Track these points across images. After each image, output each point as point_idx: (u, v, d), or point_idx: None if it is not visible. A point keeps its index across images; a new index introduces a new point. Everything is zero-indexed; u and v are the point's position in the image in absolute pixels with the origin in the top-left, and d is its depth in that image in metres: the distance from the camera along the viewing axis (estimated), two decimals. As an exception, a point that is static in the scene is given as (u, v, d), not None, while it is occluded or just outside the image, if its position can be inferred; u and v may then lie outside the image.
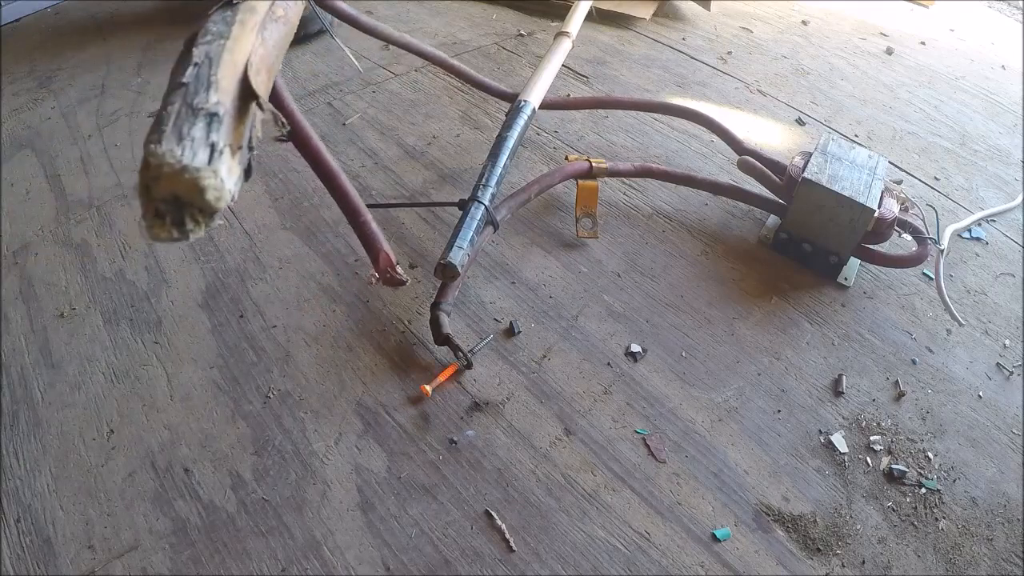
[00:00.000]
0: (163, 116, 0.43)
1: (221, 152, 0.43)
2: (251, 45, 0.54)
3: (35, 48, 1.81)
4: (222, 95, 0.47)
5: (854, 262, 1.20)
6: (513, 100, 1.27)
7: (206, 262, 1.16)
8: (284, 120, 0.53)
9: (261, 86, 0.52)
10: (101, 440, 0.91)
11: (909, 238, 1.14)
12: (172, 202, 0.42)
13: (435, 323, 0.98)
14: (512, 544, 0.82)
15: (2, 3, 1.90)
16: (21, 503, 0.84)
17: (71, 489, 0.85)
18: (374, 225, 0.85)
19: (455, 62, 1.34)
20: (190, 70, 0.47)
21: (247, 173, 0.51)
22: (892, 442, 0.95)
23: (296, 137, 0.82)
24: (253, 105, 0.50)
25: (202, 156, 0.42)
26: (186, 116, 0.43)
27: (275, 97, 0.80)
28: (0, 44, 1.81)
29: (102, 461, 0.88)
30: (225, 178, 0.43)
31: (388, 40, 1.22)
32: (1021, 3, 2.51)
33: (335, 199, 0.86)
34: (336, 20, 1.29)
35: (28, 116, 1.53)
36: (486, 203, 1.04)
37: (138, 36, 1.85)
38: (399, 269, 0.86)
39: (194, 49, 0.49)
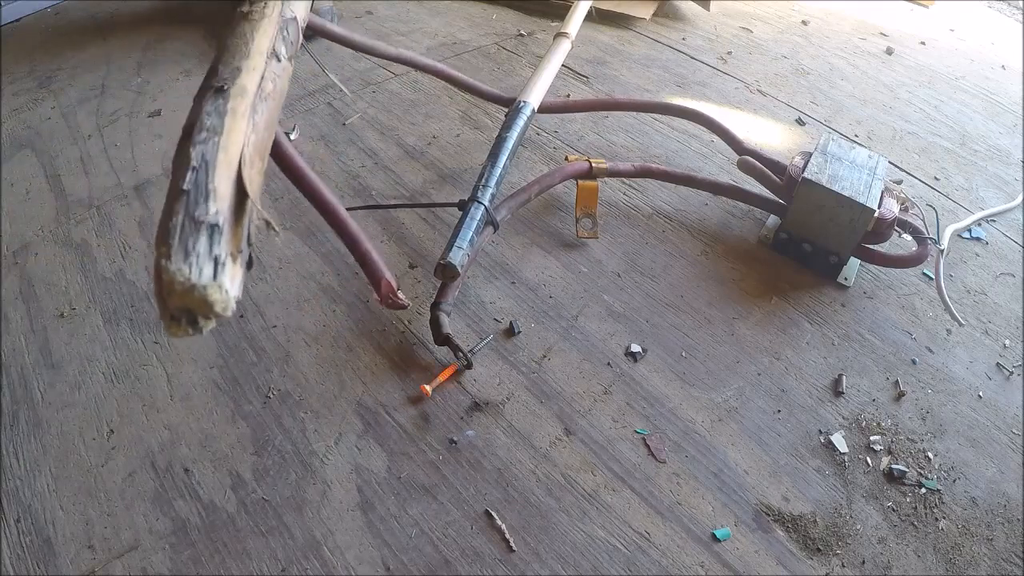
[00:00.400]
0: (171, 228, 0.47)
1: (224, 264, 0.48)
2: (243, 136, 0.57)
3: (35, 48, 1.81)
4: (220, 202, 0.50)
5: (854, 262, 1.20)
6: (512, 103, 1.27)
7: (206, 262, 1.16)
8: (276, 227, 0.57)
9: (255, 183, 0.56)
10: (101, 440, 0.91)
11: (909, 238, 1.14)
12: (185, 310, 0.48)
13: (435, 323, 0.98)
14: (512, 544, 0.82)
15: (2, 3, 1.90)
16: (21, 503, 0.84)
17: (71, 489, 0.85)
18: (375, 253, 0.88)
19: (455, 73, 1.34)
20: (189, 175, 0.50)
21: (249, 265, 0.54)
22: (892, 442, 0.95)
23: (294, 176, 0.86)
24: (249, 201, 0.53)
25: (207, 271, 0.46)
26: (190, 230, 0.47)
27: (276, 151, 0.84)
28: (0, 44, 1.81)
29: (102, 461, 0.88)
30: (229, 288, 0.47)
31: (385, 56, 1.22)
32: (1021, 3, 2.51)
33: (336, 232, 0.90)
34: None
35: (28, 116, 1.53)
36: (486, 203, 1.04)
37: (138, 36, 1.85)
38: (400, 295, 0.88)
39: (191, 150, 0.52)
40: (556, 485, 0.88)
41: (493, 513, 0.85)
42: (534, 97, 1.26)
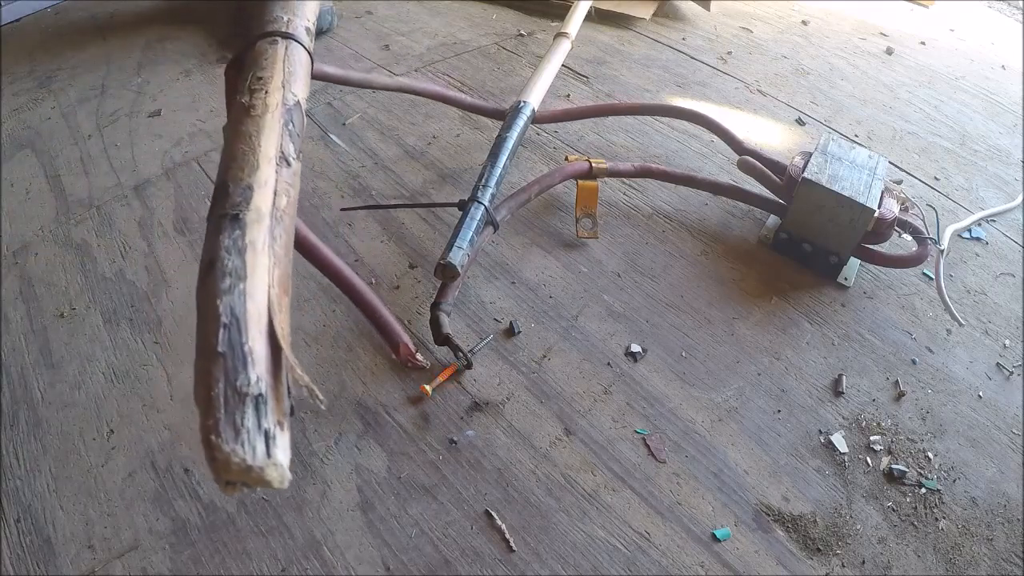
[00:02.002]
0: (213, 398, 0.45)
1: (274, 437, 0.46)
2: (268, 274, 0.54)
3: (35, 48, 1.81)
4: (259, 366, 0.48)
5: (854, 262, 1.20)
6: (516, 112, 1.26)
7: (206, 262, 1.16)
8: (319, 396, 0.54)
9: (287, 331, 0.53)
10: (101, 440, 0.91)
11: (909, 238, 1.15)
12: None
13: (435, 323, 0.98)
14: (512, 544, 0.82)
15: (2, 3, 1.90)
16: (21, 503, 0.84)
17: (71, 489, 0.85)
18: (391, 318, 0.94)
19: (454, 93, 1.35)
20: (221, 334, 0.48)
21: (291, 412, 0.53)
22: (892, 442, 0.95)
23: (304, 250, 0.89)
24: (284, 355, 0.52)
25: (260, 449, 0.44)
26: (234, 403, 0.45)
27: (300, 242, 0.87)
28: (0, 44, 1.81)
29: (102, 461, 0.88)
30: (282, 460, 0.45)
31: (383, 88, 1.26)
32: (1021, 3, 2.51)
33: (354, 303, 0.94)
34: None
35: (28, 116, 1.53)
36: (486, 203, 1.04)
37: (138, 36, 1.85)
38: (419, 356, 0.96)
39: (218, 302, 0.49)
40: (556, 485, 0.88)
41: (493, 513, 0.85)
42: (534, 97, 1.26)
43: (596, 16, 1.97)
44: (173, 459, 0.89)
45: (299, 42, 0.76)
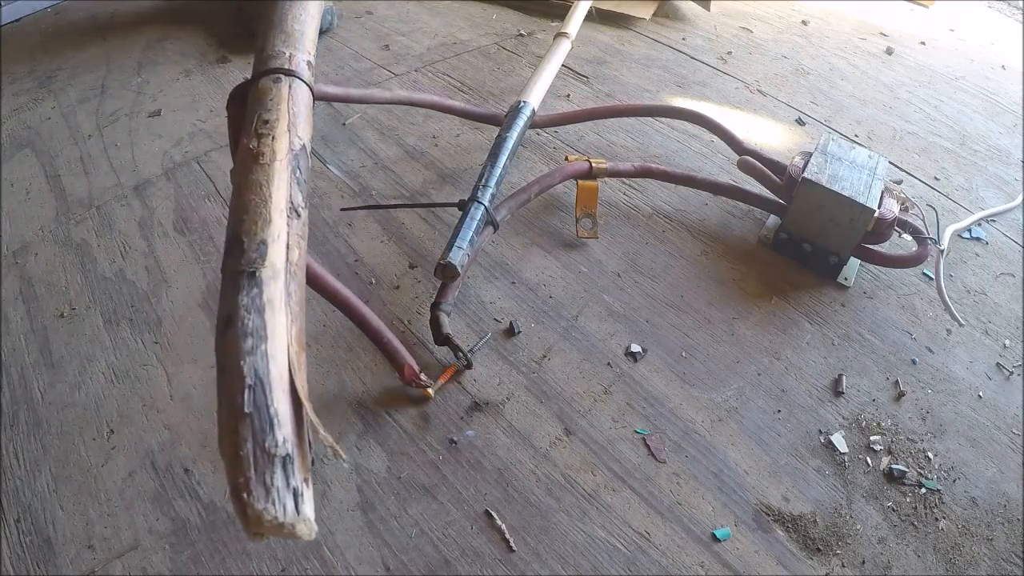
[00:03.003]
0: (242, 458, 0.47)
1: (302, 494, 0.48)
2: (286, 332, 0.55)
3: (35, 48, 1.81)
4: (285, 427, 0.49)
5: (854, 262, 1.20)
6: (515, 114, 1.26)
7: (206, 262, 1.16)
8: (343, 454, 0.57)
9: (305, 387, 0.55)
10: (101, 440, 0.91)
11: (909, 238, 1.15)
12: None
13: (435, 323, 0.98)
14: (512, 544, 0.82)
15: (2, 3, 1.90)
16: (21, 503, 0.84)
17: (71, 489, 0.85)
18: (396, 342, 0.95)
19: (453, 102, 1.36)
20: (247, 396, 0.49)
21: (312, 462, 0.55)
22: (892, 442, 0.95)
23: (315, 284, 0.91)
24: (304, 411, 0.53)
25: (290, 506, 0.47)
26: (264, 463, 0.47)
27: (313, 279, 0.88)
28: (0, 44, 1.81)
29: (102, 461, 0.88)
30: (310, 514, 0.48)
31: (383, 102, 1.27)
32: (1021, 3, 2.51)
33: (359, 327, 0.96)
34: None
35: (28, 116, 1.53)
36: (486, 203, 1.04)
37: (138, 36, 1.85)
38: (423, 376, 0.95)
39: (241, 363, 0.51)
40: (556, 485, 0.88)
41: (493, 513, 0.85)
42: (534, 97, 1.26)
43: (596, 16, 1.97)
44: (173, 459, 0.89)
45: (302, 79, 0.77)
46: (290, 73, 0.76)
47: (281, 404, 0.51)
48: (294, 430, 0.51)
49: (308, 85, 0.78)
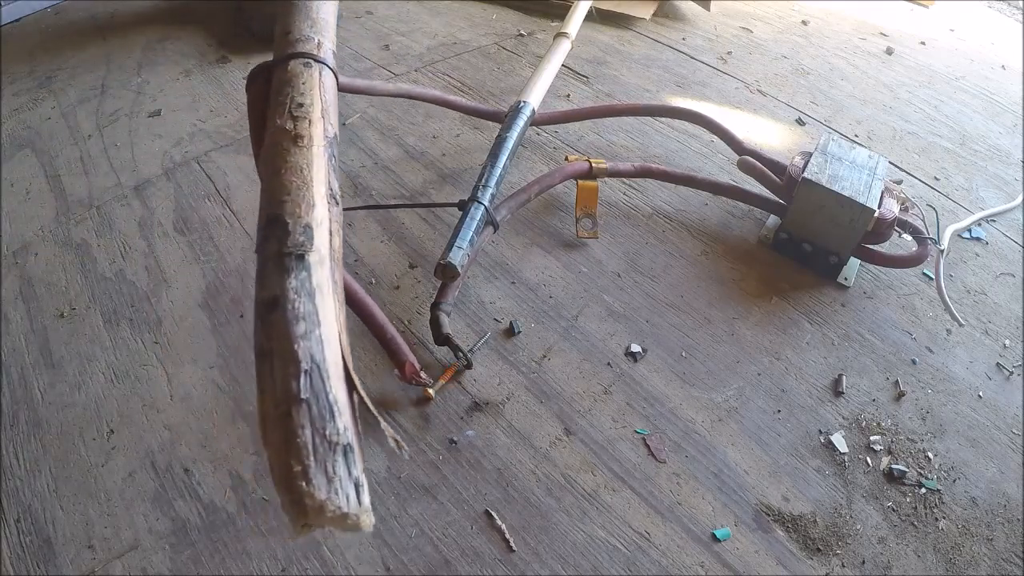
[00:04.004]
0: (300, 445, 0.44)
1: (363, 485, 0.46)
2: (336, 319, 0.53)
3: (35, 48, 1.81)
4: (345, 416, 0.48)
5: (854, 262, 1.20)
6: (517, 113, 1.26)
7: (206, 262, 1.16)
8: (404, 446, 0.54)
9: (355, 375, 0.53)
10: (101, 440, 0.91)
11: (909, 238, 1.15)
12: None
13: (435, 323, 0.98)
14: (512, 544, 0.82)
15: (2, 3, 1.90)
16: (21, 503, 0.84)
17: (71, 489, 0.85)
18: (399, 339, 0.95)
19: (453, 98, 1.36)
20: (303, 381, 0.47)
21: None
22: (892, 442, 0.95)
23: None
24: (356, 396, 0.52)
25: (353, 497, 0.44)
26: (324, 451, 0.45)
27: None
28: (0, 44, 1.81)
29: (102, 461, 0.88)
30: (369, 506, 0.46)
31: (386, 95, 1.28)
32: (1021, 3, 2.51)
33: (363, 320, 0.96)
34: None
35: (28, 116, 1.53)
36: (486, 203, 1.04)
37: (138, 36, 1.85)
38: (423, 374, 0.94)
39: (295, 347, 0.48)
40: (556, 485, 0.88)
41: (493, 513, 0.84)
42: (534, 97, 1.26)
43: (596, 16, 1.97)
44: (173, 459, 0.89)
45: (331, 69, 0.75)
46: (320, 61, 0.73)
47: (339, 392, 0.48)
48: (353, 420, 0.48)
49: (335, 74, 0.76)
